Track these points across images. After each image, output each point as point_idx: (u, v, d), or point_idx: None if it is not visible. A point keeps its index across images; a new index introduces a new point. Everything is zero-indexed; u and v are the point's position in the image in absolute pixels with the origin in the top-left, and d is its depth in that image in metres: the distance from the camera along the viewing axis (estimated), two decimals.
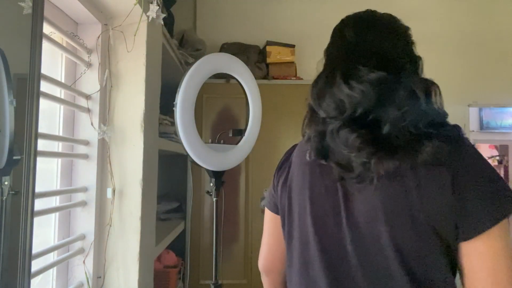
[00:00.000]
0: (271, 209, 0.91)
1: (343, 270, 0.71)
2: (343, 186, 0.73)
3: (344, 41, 0.81)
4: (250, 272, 2.32)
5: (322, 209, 0.75)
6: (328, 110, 0.71)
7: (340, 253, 0.72)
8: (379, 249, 0.68)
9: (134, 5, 1.15)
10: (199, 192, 2.31)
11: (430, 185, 0.65)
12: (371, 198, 0.69)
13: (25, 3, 0.78)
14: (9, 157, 0.73)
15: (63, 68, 1.19)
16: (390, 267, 0.67)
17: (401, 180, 0.66)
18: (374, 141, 0.65)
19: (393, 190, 0.67)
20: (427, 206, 0.64)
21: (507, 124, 3.92)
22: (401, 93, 0.66)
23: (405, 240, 0.66)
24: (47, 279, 1.12)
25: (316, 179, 0.77)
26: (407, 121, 0.64)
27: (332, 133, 0.70)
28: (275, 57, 2.51)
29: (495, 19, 2.84)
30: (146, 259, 1.30)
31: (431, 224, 0.64)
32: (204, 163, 1.37)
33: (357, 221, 0.71)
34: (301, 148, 0.85)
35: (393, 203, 0.67)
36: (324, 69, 0.79)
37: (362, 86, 0.67)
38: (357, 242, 0.70)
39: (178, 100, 1.27)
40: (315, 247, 0.75)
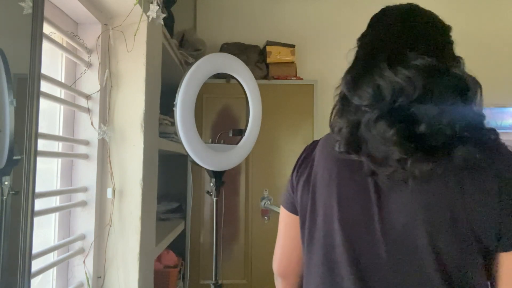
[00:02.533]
0: (289, 209, 0.86)
1: (375, 276, 0.68)
2: (375, 186, 0.69)
3: (388, 26, 0.75)
4: (250, 272, 2.32)
5: (352, 210, 0.71)
6: (364, 97, 0.66)
7: (371, 258, 0.68)
8: (416, 255, 0.65)
9: (134, 5, 1.15)
10: (199, 192, 2.31)
11: (474, 191, 0.63)
12: (409, 200, 0.66)
13: (25, 3, 0.78)
14: (9, 157, 0.73)
15: (63, 68, 1.19)
16: (427, 274, 0.64)
17: (442, 182, 0.64)
18: (412, 138, 0.62)
19: (434, 193, 0.64)
20: (471, 213, 0.62)
21: (507, 124, 3.92)
22: (448, 86, 0.63)
23: (444, 246, 0.63)
24: (47, 279, 1.12)
25: (345, 176, 0.73)
26: (444, 121, 0.61)
27: (368, 123, 0.65)
28: (275, 57, 2.51)
29: (495, 19, 2.84)
30: (146, 259, 1.30)
31: (473, 231, 0.62)
32: (204, 163, 1.37)
33: (392, 225, 0.67)
34: (325, 143, 0.80)
35: (434, 207, 0.64)
36: (361, 55, 0.75)
37: (408, 72, 0.63)
38: (392, 246, 0.66)
39: (178, 100, 1.27)
40: (342, 251, 0.70)
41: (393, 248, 0.66)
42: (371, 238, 0.68)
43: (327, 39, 2.80)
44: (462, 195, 0.63)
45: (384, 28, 0.75)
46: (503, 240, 0.63)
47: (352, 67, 0.73)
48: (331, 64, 2.79)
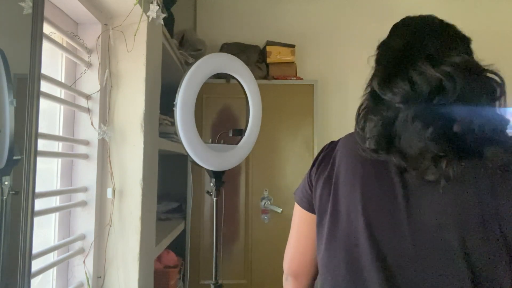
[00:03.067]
0: (304, 207, 0.84)
1: (402, 277, 0.66)
2: (403, 186, 0.68)
3: (417, 32, 0.76)
4: (250, 272, 2.32)
5: (378, 210, 0.69)
6: (399, 93, 0.66)
7: (398, 259, 0.67)
8: (446, 256, 0.64)
9: (134, 5, 1.15)
10: (199, 192, 2.31)
11: (506, 194, 0.63)
12: (439, 201, 0.65)
13: (25, 3, 0.78)
14: (9, 157, 0.73)
15: (63, 68, 1.19)
16: (457, 276, 0.63)
17: (474, 184, 0.64)
18: (448, 137, 0.62)
19: (466, 195, 0.64)
20: (501, 215, 0.62)
21: None
22: (483, 88, 0.64)
23: (475, 248, 0.63)
24: (47, 279, 1.12)
25: (370, 177, 0.72)
26: (477, 122, 0.62)
27: (406, 120, 0.65)
28: (275, 57, 2.51)
29: (495, 19, 2.84)
30: (146, 259, 1.30)
31: (503, 235, 0.62)
32: (204, 163, 1.37)
33: (421, 226, 0.66)
34: (348, 142, 0.80)
35: (465, 209, 0.64)
36: (390, 57, 0.73)
37: (449, 68, 0.63)
38: (421, 247, 0.65)
39: (178, 100, 1.27)
40: (368, 252, 0.68)
41: (421, 249, 0.65)
42: (398, 239, 0.67)
43: (327, 39, 2.80)
44: (493, 198, 0.63)
45: (412, 33, 0.76)
46: None
47: (381, 67, 0.73)
48: (331, 64, 2.79)
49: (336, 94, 2.73)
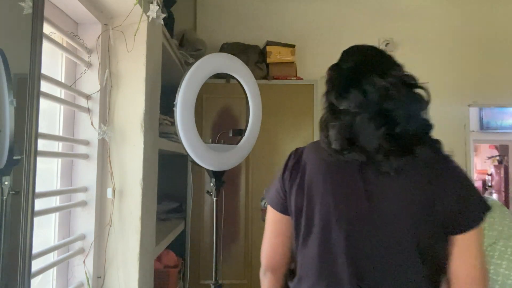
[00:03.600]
0: (279, 209, 0.95)
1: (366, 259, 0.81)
2: (363, 181, 0.83)
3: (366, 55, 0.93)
4: (250, 272, 2.32)
5: (346, 205, 0.83)
6: (354, 101, 0.82)
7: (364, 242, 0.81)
8: (399, 235, 0.80)
9: (134, 5, 1.15)
10: (199, 192, 2.31)
11: (439, 184, 0.80)
12: (391, 189, 0.81)
13: (25, 3, 0.78)
14: (9, 157, 0.73)
15: (63, 68, 1.19)
16: (408, 248, 0.79)
17: (415, 175, 0.81)
18: (393, 138, 0.79)
19: (410, 183, 0.81)
20: (438, 199, 0.79)
21: (507, 124, 3.92)
22: (415, 98, 0.83)
23: (421, 226, 0.79)
24: (47, 279, 1.12)
25: (337, 177, 0.86)
26: (412, 126, 0.80)
27: (362, 122, 0.81)
28: (275, 57, 2.51)
29: (495, 19, 2.84)
30: (146, 259, 1.30)
31: (441, 217, 0.79)
32: (204, 163, 1.37)
33: (379, 209, 0.81)
34: (314, 148, 0.93)
35: (411, 194, 0.80)
36: (344, 74, 0.89)
37: (393, 79, 0.82)
38: (380, 228, 0.80)
39: (178, 100, 1.27)
40: (338, 238, 0.82)
41: (381, 228, 0.81)
42: (363, 225, 0.82)
43: (327, 39, 2.80)
44: (430, 186, 0.80)
45: (362, 56, 0.92)
46: (460, 223, 0.80)
47: (336, 84, 0.88)
48: (331, 64, 2.79)
49: None
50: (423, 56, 2.79)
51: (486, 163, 5.74)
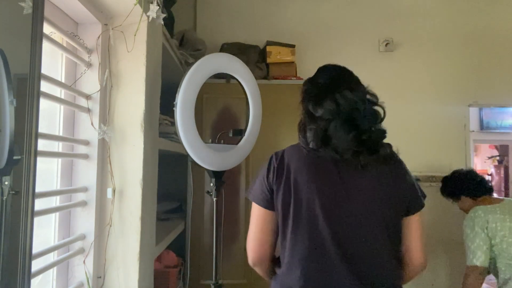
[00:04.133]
0: (265, 206, 1.09)
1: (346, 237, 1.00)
2: (338, 172, 1.03)
3: (337, 73, 1.12)
4: (250, 272, 2.32)
5: (327, 196, 1.02)
6: (327, 110, 1.02)
7: (343, 226, 1.01)
8: (371, 218, 1.01)
9: (134, 5, 1.15)
10: (199, 192, 2.31)
11: (396, 176, 1.06)
12: (361, 181, 1.03)
13: (25, 3, 0.78)
14: (9, 157, 0.73)
15: (63, 68, 1.19)
16: (378, 227, 1.01)
17: (379, 170, 1.04)
18: (360, 141, 1.00)
19: (376, 176, 1.03)
20: (397, 190, 1.04)
21: (507, 124, 3.92)
22: (375, 111, 1.06)
23: (386, 211, 1.02)
24: (47, 279, 1.12)
25: (318, 173, 1.04)
26: (374, 134, 1.02)
27: (335, 128, 1.00)
28: (275, 57, 2.51)
29: (496, 18, 2.84)
30: (146, 259, 1.30)
31: (398, 202, 1.04)
32: (204, 163, 1.37)
33: (354, 197, 1.02)
34: (294, 150, 1.10)
35: (378, 185, 1.03)
36: (320, 87, 1.08)
37: (361, 95, 1.05)
38: (355, 213, 1.01)
39: (178, 100, 1.27)
40: (323, 225, 1.00)
41: (356, 213, 1.01)
42: (342, 212, 1.01)
43: (327, 39, 2.80)
44: (391, 179, 1.04)
45: (336, 73, 1.12)
46: (410, 207, 1.06)
47: (312, 95, 1.07)
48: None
49: None
50: (423, 56, 2.79)
51: (486, 163, 5.74)
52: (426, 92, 2.77)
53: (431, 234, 2.66)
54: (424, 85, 2.77)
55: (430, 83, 2.78)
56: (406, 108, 2.76)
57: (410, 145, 2.72)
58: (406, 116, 2.75)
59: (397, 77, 2.78)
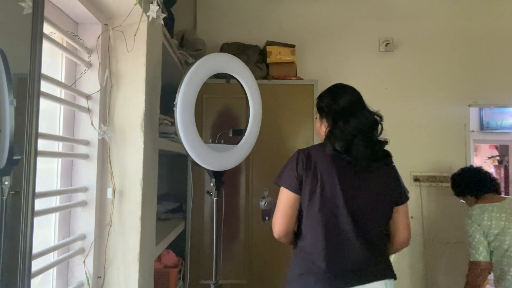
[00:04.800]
0: (294, 190, 1.33)
1: (360, 218, 1.29)
2: (354, 172, 1.32)
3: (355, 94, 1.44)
4: (250, 272, 2.32)
5: (346, 185, 1.30)
6: (353, 127, 1.32)
7: (358, 210, 1.30)
8: (377, 208, 1.34)
9: (134, 5, 1.15)
10: (199, 192, 2.31)
11: (390, 176, 1.39)
12: (371, 181, 1.34)
13: (25, 3, 0.78)
14: (9, 157, 0.73)
15: (63, 68, 1.19)
16: (382, 217, 1.36)
17: (383, 173, 1.37)
18: (373, 152, 1.32)
19: (381, 177, 1.36)
20: (393, 187, 1.39)
21: (507, 124, 3.92)
22: (381, 129, 1.38)
23: (386, 204, 1.37)
24: (47, 279, 1.12)
25: (339, 168, 1.32)
26: (382, 145, 1.36)
27: (358, 142, 1.30)
28: (275, 57, 2.51)
29: (495, 19, 2.84)
30: (146, 259, 1.30)
31: (392, 196, 1.38)
32: (204, 163, 1.37)
33: (365, 192, 1.32)
34: (318, 149, 1.37)
35: (377, 183, 1.35)
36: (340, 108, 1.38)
37: (372, 114, 1.38)
38: (367, 204, 1.32)
39: (178, 100, 1.27)
40: (343, 207, 1.28)
41: (367, 204, 1.32)
42: (356, 202, 1.30)
43: (327, 39, 2.80)
44: (388, 177, 1.38)
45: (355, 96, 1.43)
46: (400, 199, 1.39)
47: (338, 110, 1.38)
48: (331, 64, 2.79)
49: None
50: (423, 56, 2.79)
51: (486, 163, 5.74)
52: (426, 92, 2.77)
53: (431, 234, 2.66)
54: (424, 85, 2.77)
55: (430, 83, 2.78)
56: (406, 108, 2.76)
57: (410, 145, 2.73)
58: (406, 116, 2.75)
59: (397, 77, 2.78)
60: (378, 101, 2.76)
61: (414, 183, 2.68)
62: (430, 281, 2.66)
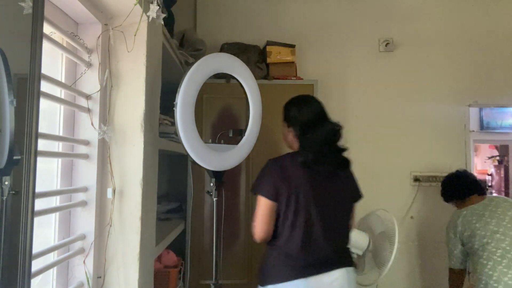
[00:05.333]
0: (271, 198, 1.44)
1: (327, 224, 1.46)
2: (321, 179, 1.48)
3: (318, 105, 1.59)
4: (250, 272, 2.32)
5: (317, 192, 1.46)
6: (320, 137, 1.47)
7: (327, 215, 1.47)
8: (338, 213, 1.52)
9: (134, 5, 1.15)
10: (199, 192, 2.31)
11: (352, 178, 1.60)
12: (336, 185, 1.52)
13: (25, 3, 0.78)
14: (9, 157, 0.73)
15: (63, 68, 1.19)
16: (345, 217, 1.55)
17: (345, 178, 1.56)
18: (338, 158, 1.51)
19: (344, 182, 1.55)
20: (353, 187, 1.60)
21: (507, 124, 3.92)
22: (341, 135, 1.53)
23: (348, 200, 1.57)
24: (47, 279, 1.12)
25: (310, 177, 1.46)
26: (344, 151, 1.53)
27: (326, 151, 1.48)
28: (275, 57, 2.51)
29: (495, 19, 2.84)
30: (146, 259, 1.30)
31: (352, 195, 1.59)
32: (204, 163, 1.37)
33: (332, 195, 1.50)
34: (291, 160, 1.49)
35: (342, 186, 1.55)
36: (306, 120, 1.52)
37: (337, 124, 1.52)
38: (333, 206, 1.50)
39: (178, 100, 1.27)
40: (315, 214, 1.44)
41: (333, 206, 1.50)
42: (325, 203, 1.48)
43: (327, 39, 2.80)
44: (349, 180, 1.59)
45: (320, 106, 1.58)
46: (357, 196, 1.60)
47: (304, 121, 1.52)
48: (331, 64, 2.79)
49: (336, 94, 2.73)
50: (423, 56, 2.79)
51: (486, 163, 5.73)
52: (426, 92, 2.77)
53: (431, 234, 2.66)
54: (424, 85, 2.77)
55: (430, 83, 2.78)
56: (406, 108, 2.76)
57: (410, 145, 2.73)
58: (406, 116, 2.75)
59: (397, 77, 2.78)
60: (378, 101, 2.79)
61: (414, 183, 2.68)
62: (428, 280, 2.66)
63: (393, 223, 1.81)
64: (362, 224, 1.96)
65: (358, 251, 1.82)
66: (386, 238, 1.80)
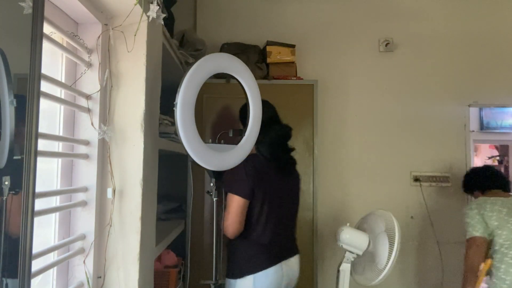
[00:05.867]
0: (246, 197, 1.63)
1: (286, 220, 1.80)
2: (281, 177, 1.75)
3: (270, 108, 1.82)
4: None
5: (282, 191, 1.75)
6: (275, 136, 1.71)
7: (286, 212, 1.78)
8: (293, 207, 1.84)
9: (134, 5, 1.15)
10: (199, 192, 2.31)
11: (298, 180, 1.89)
12: (291, 184, 1.83)
13: (25, 3, 0.78)
14: (9, 157, 0.73)
15: (63, 68, 1.19)
16: (296, 210, 1.86)
17: (295, 172, 1.87)
18: (291, 158, 1.81)
19: (294, 177, 1.86)
20: (298, 186, 1.89)
21: (507, 124, 3.92)
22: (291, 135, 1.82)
23: (297, 198, 1.87)
24: (47, 279, 1.12)
25: (273, 174, 1.72)
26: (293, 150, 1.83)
27: (280, 150, 1.73)
28: (275, 57, 2.51)
29: (495, 19, 2.84)
30: (146, 259, 1.30)
31: (298, 191, 1.89)
32: (204, 163, 1.37)
33: (288, 194, 1.80)
34: (257, 160, 1.68)
35: (295, 182, 1.87)
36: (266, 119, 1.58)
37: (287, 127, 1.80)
38: (288, 203, 1.79)
39: (178, 100, 1.27)
40: (281, 204, 1.73)
41: (292, 199, 1.83)
42: (287, 198, 1.79)
43: (327, 39, 2.80)
44: (299, 177, 1.90)
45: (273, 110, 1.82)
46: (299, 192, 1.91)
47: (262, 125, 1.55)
48: (331, 64, 2.79)
49: (336, 94, 2.73)
50: (423, 56, 2.79)
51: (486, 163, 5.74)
52: (426, 92, 2.77)
53: (431, 234, 2.66)
54: (424, 85, 2.77)
55: (430, 83, 2.78)
56: (406, 108, 2.76)
57: (410, 145, 2.73)
58: (406, 116, 2.75)
59: (397, 77, 2.78)
60: (378, 101, 2.79)
61: (414, 183, 2.69)
62: (429, 281, 2.66)
63: (393, 223, 1.81)
64: (362, 224, 1.96)
65: (358, 251, 1.82)
66: (386, 238, 1.80)
